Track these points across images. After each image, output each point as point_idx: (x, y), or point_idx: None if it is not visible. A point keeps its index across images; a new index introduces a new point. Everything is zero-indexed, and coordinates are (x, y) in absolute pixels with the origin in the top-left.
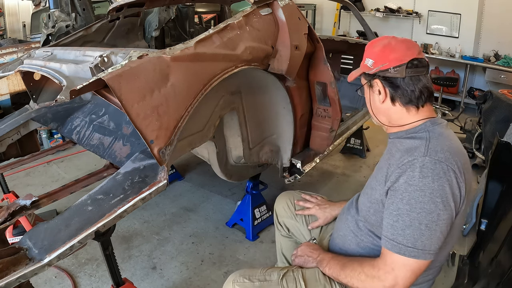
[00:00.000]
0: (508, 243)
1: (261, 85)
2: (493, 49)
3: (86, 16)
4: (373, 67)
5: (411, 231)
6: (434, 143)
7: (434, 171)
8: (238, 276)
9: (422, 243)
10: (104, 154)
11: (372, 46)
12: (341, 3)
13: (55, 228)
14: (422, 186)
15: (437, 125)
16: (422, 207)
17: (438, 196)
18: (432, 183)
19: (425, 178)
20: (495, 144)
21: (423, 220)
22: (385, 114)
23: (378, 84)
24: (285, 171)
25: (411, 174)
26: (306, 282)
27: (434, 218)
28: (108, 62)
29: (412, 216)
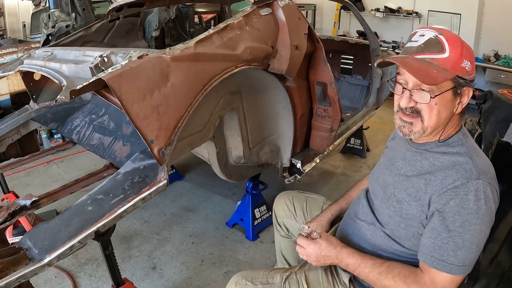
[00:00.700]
0: (508, 243)
1: (261, 85)
2: (493, 49)
3: (86, 16)
4: (472, 73)
5: (463, 252)
6: (479, 163)
7: (486, 193)
8: (241, 278)
9: (470, 260)
10: (104, 154)
11: (466, 46)
12: (341, 3)
13: (55, 228)
14: (476, 209)
15: (468, 137)
16: (474, 229)
17: (487, 216)
18: (485, 205)
19: (479, 201)
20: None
21: (475, 240)
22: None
23: (469, 92)
24: (285, 171)
25: (465, 198)
26: (309, 285)
27: (482, 236)
28: (108, 62)
29: (465, 237)
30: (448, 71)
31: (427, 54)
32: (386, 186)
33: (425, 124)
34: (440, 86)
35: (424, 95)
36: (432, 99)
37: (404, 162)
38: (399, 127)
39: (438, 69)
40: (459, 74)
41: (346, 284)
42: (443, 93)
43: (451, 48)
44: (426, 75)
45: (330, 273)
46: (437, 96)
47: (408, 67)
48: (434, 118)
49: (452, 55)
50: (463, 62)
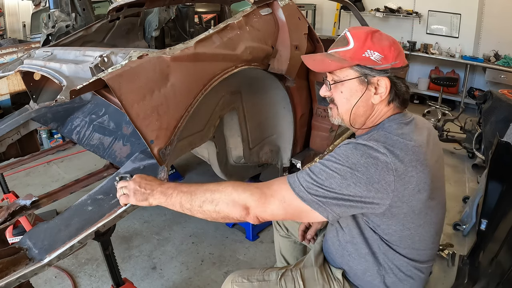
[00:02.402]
0: (508, 243)
1: (261, 85)
2: (493, 49)
3: (86, 16)
4: (382, 62)
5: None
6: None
7: (356, 145)
8: (237, 276)
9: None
10: (104, 154)
11: (376, 38)
12: (341, 3)
13: (55, 228)
14: (340, 151)
15: (392, 122)
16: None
17: (360, 172)
18: (360, 157)
19: (356, 150)
20: (495, 144)
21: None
22: (366, 115)
23: (384, 82)
24: (285, 171)
25: (336, 149)
26: (305, 282)
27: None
28: (108, 62)
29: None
30: (346, 60)
31: (334, 49)
32: None
33: (339, 111)
34: (340, 75)
35: (326, 85)
36: (332, 85)
37: None
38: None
39: (334, 59)
40: (361, 63)
41: (340, 280)
42: (344, 81)
43: (354, 40)
44: (319, 64)
45: (325, 271)
46: (336, 83)
47: (305, 60)
48: (344, 106)
49: (354, 46)
50: (365, 52)
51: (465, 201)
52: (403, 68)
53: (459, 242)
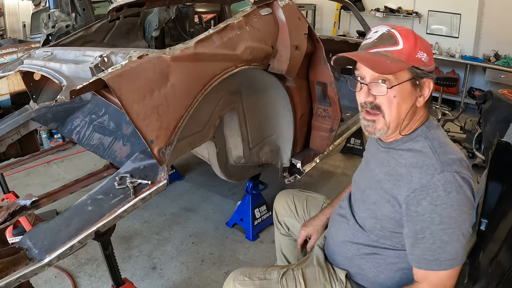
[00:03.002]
0: (508, 243)
1: (261, 85)
2: (493, 49)
3: (86, 16)
4: (429, 64)
5: (451, 245)
6: (442, 155)
7: (456, 183)
8: (239, 274)
9: (462, 249)
10: (104, 154)
11: (420, 39)
12: (341, 3)
13: (55, 228)
14: (450, 202)
15: (433, 129)
16: (456, 221)
17: (465, 205)
18: (458, 194)
19: (451, 193)
20: (495, 144)
21: (460, 231)
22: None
23: (430, 84)
24: (285, 171)
25: (435, 195)
26: (306, 282)
27: (467, 225)
28: (108, 62)
29: (448, 232)
30: (403, 61)
31: (381, 48)
32: (363, 189)
33: (387, 120)
34: (397, 77)
35: (381, 87)
36: (389, 89)
37: (376, 163)
38: (364, 127)
39: (392, 60)
40: (415, 64)
41: (342, 280)
42: (401, 84)
43: (404, 40)
44: (379, 64)
45: (327, 270)
46: (394, 86)
47: (361, 59)
48: (395, 112)
49: (406, 47)
50: (418, 53)
51: None
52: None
53: None
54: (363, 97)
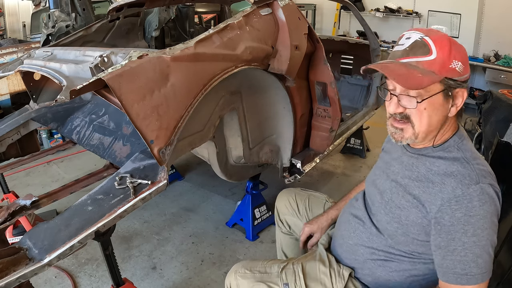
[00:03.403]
0: (508, 243)
1: (261, 85)
2: (493, 49)
3: (86, 16)
4: (464, 73)
5: (483, 258)
6: (477, 167)
7: (490, 195)
8: (240, 267)
9: (491, 263)
10: (104, 154)
11: (456, 46)
12: (341, 3)
13: (55, 228)
14: (484, 213)
15: (464, 140)
16: (488, 233)
17: (495, 216)
18: (490, 206)
19: (485, 205)
20: (495, 144)
21: (490, 244)
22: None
23: (463, 93)
24: (285, 171)
25: (470, 206)
26: (306, 276)
27: (495, 238)
28: (108, 62)
29: (481, 245)
30: (435, 73)
31: (412, 58)
32: (383, 191)
33: (416, 130)
34: (428, 89)
35: (411, 100)
36: (419, 103)
37: (400, 167)
38: (391, 134)
39: (423, 72)
40: (448, 75)
41: (344, 276)
42: (432, 96)
43: (438, 49)
44: (409, 79)
45: (329, 265)
46: (424, 100)
47: (389, 73)
48: (425, 123)
49: (439, 57)
50: (452, 63)
51: None
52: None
53: None
54: (392, 109)
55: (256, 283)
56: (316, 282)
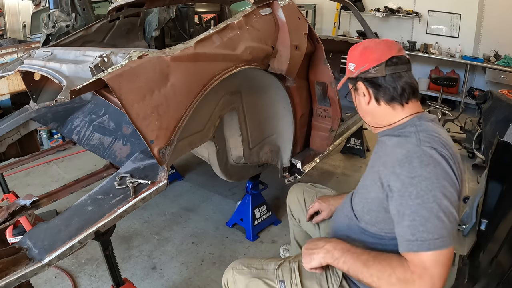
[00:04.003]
0: (508, 243)
1: (261, 85)
2: (493, 49)
3: (86, 16)
4: (355, 70)
5: (432, 223)
6: (423, 135)
7: (432, 157)
8: (238, 264)
9: (446, 230)
10: (104, 154)
11: (353, 50)
12: (341, 3)
13: (55, 228)
14: (427, 175)
15: (424, 120)
16: (434, 195)
17: (444, 179)
18: (434, 168)
19: (427, 166)
20: (495, 144)
21: (440, 208)
22: (372, 115)
23: (361, 86)
24: (285, 171)
25: (410, 167)
26: (301, 274)
27: (448, 202)
28: (108, 62)
29: (427, 207)
30: (345, 76)
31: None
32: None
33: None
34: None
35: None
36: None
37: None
38: None
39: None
40: (349, 76)
41: (339, 275)
42: (349, 92)
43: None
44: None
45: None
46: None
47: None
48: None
49: (347, 64)
50: (348, 66)
51: (465, 201)
52: (377, 67)
53: (459, 242)
54: None
55: (252, 279)
56: (312, 280)
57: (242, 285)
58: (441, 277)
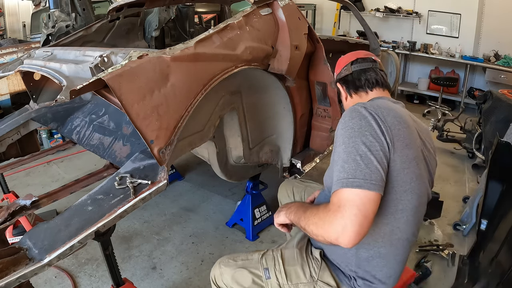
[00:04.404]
0: (508, 243)
1: (261, 85)
2: (493, 49)
3: (86, 16)
4: (335, 76)
5: (349, 164)
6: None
7: (361, 113)
8: (224, 258)
9: (361, 172)
10: (104, 154)
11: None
12: (341, 3)
13: (55, 228)
14: (352, 125)
15: (382, 99)
16: (354, 141)
17: (367, 130)
18: (360, 120)
19: (353, 119)
20: (495, 144)
21: (357, 152)
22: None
23: (339, 86)
24: (285, 171)
25: (342, 121)
26: (284, 261)
27: (366, 149)
28: (108, 62)
29: (347, 151)
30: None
31: None
32: None
33: None
34: None
35: None
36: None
37: None
38: None
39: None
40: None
41: (318, 258)
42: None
43: None
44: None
45: (305, 251)
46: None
47: None
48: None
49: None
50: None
51: (465, 201)
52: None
53: (459, 242)
54: None
55: (238, 269)
56: (294, 266)
57: (229, 276)
58: (353, 221)
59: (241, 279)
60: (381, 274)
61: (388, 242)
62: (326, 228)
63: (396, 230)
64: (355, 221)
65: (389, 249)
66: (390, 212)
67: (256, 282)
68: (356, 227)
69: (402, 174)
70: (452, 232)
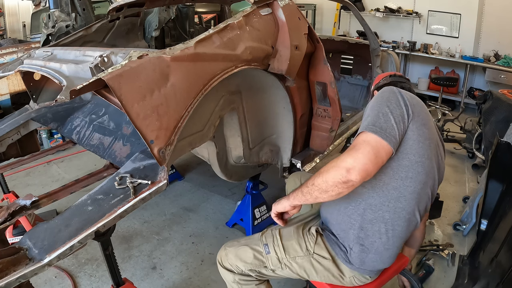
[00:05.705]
0: (508, 243)
1: (261, 85)
2: (493, 49)
3: (86, 16)
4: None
5: (371, 117)
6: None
7: (392, 89)
8: (229, 242)
9: (379, 124)
10: (104, 154)
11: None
12: (341, 3)
13: (55, 228)
14: (381, 96)
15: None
16: (378, 104)
17: (393, 100)
18: (389, 94)
19: (384, 93)
20: (495, 144)
21: (380, 110)
22: None
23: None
24: (285, 171)
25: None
26: (282, 237)
27: (387, 110)
28: (108, 62)
29: (373, 109)
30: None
31: None
32: None
33: None
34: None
35: None
36: None
37: None
38: None
39: None
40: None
41: (313, 234)
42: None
43: None
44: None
45: (302, 228)
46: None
47: None
48: None
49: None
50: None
51: (465, 201)
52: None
53: (459, 242)
54: None
55: (240, 247)
56: (291, 241)
57: (232, 254)
58: (365, 155)
59: (244, 256)
60: (379, 243)
61: (393, 209)
62: (338, 164)
63: (402, 198)
64: (367, 156)
65: (392, 215)
66: (401, 177)
67: (257, 257)
68: (366, 160)
69: (417, 146)
70: (452, 232)
